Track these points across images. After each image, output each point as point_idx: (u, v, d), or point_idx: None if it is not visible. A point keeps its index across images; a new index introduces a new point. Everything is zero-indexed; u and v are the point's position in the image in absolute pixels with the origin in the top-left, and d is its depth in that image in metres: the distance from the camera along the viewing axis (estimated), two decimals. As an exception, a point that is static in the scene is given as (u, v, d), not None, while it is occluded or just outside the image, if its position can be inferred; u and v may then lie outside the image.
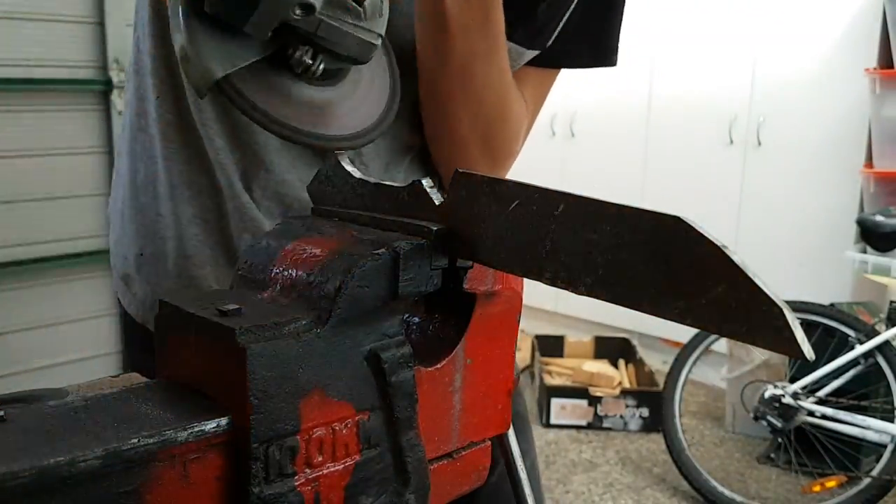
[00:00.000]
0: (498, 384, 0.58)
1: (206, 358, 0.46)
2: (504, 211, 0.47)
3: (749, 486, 3.48)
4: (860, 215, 3.74)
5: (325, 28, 0.56)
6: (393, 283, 0.49)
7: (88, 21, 3.13)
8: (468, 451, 0.57)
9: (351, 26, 0.56)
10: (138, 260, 0.94)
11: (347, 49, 0.58)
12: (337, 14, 0.56)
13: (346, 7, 0.56)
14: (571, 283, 0.44)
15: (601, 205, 0.42)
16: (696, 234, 0.37)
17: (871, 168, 3.92)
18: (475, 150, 0.90)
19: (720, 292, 0.36)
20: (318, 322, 0.46)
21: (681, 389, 3.50)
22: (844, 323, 3.31)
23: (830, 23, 4.05)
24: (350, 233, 0.53)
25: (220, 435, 0.43)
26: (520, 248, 0.47)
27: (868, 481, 3.08)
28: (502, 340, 0.57)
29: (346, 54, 0.59)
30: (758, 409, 3.35)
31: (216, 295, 0.49)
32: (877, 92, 3.83)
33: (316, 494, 0.46)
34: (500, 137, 0.91)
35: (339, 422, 0.47)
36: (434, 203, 0.53)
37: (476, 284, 0.54)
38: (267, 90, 0.60)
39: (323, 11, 0.55)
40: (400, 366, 0.49)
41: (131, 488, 0.40)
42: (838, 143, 4.09)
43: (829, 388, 3.27)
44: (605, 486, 3.50)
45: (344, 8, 0.56)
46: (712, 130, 4.49)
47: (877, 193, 3.92)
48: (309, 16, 0.55)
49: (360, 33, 0.57)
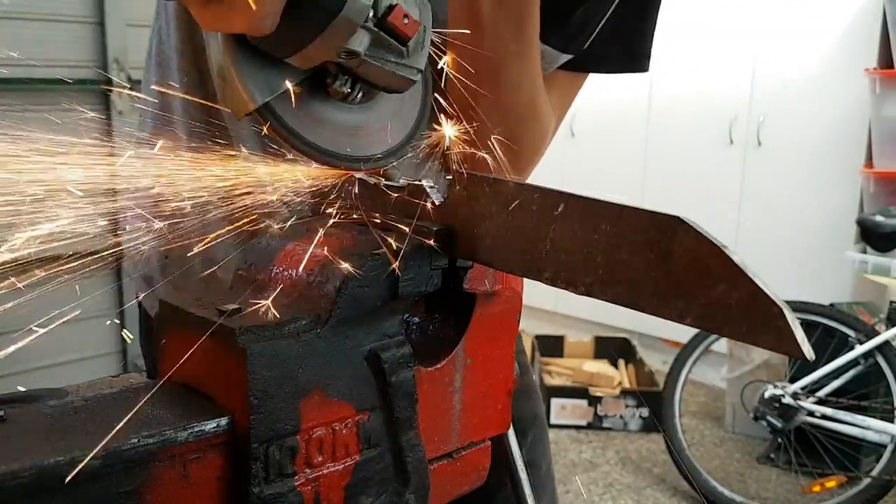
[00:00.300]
0: (498, 384, 0.58)
1: (206, 358, 0.46)
2: (504, 211, 0.47)
3: (749, 486, 3.48)
4: (860, 215, 3.74)
5: (369, 68, 0.55)
6: (393, 283, 0.49)
7: (88, 21, 3.13)
8: (468, 451, 0.57)
9: (393, 64, 0.56)
10: (162, 262, 0.94)
11: (388, 84, 0.58)
12: (381, 54, 0.55)
13: (389, 46, 0.55)
14: (571, 283, 0.44)
15: (601, 205, 0.42)
16: (695, 234, 0.37)
17: (871, 168, 3.93)
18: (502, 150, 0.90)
19: (720, 292, 0.36)
20: (318, 322, 0.46)
21: (681, 389, 3.50)
22: (844, 323, 3.31)
23: (830, 23, 4.05)
24: (350, 233, 0.53)
25: (220, 435, 0.43)
26: (520, 248, 0.47)
27: (868, 481, 3.08)
28: (502, 340, 0.57)
29: (386, 88, 0.59)
30: (758, 409, 3.35)
31: (216, 295, 0.49)
32: (877, 92, 3.83)
33: (316, 494, 0.46)
34: (527, 138, 0.90)
35: (339, 422, 0.47)
36: (434, 203, 0.54)
37: (476, 284, 0.54)
38: (301, 113, 0.58)
39: (368, 53, 0.54)
40: (400, 366, 0.49)
41: (131, 488, 0.40)
42: (838, 143, 4.09)
43: (829, 389, 3.27)
44: (605, 487, 3.50)
45: (387, 48, 0.55)
46: (712, 130, 4.49)
47: (877, 193, 3.92)
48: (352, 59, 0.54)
49: (401, 70, 0.57)
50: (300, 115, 0.58)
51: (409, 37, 0.55)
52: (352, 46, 0.53)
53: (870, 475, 3.10)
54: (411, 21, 0.55)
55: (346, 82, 0.57)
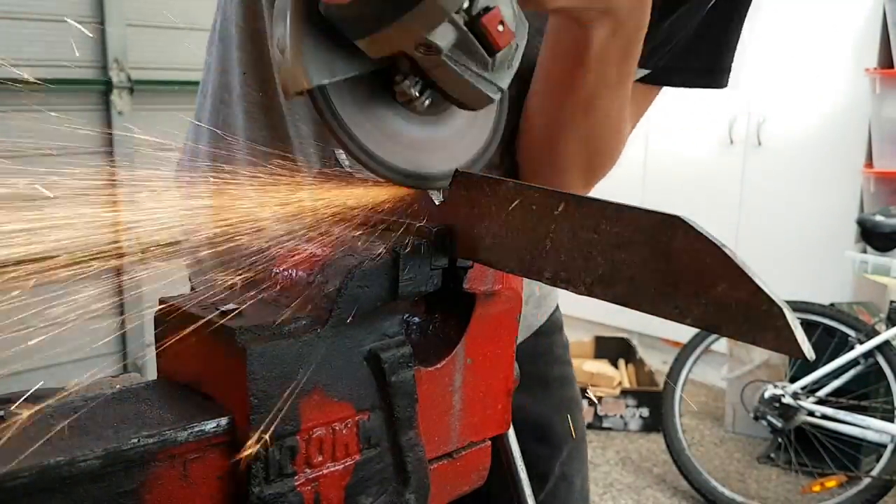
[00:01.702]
0: (498, 384, 0.58)
1: (206, 358, 0.46)
2: (504, 211, 0.47)
3: (749, 486, 3.48)
4: (860, 215, 3.74)
5: (447, 71, 0.49)
6: (393, 283, 0.49)
7: (88, 21, 3.13)
8: (468, 451, 0.57)
9: (473, 74, 0.50)
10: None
11: (461, 96, 0.51)
12: (462, 59, 0.49)
13: (474, 52, 0.49)
14: (571, 283, 0.44)
15: (601, 205, 0.42)
16: (696, 234, 0.37)
17: (871, 168, 3.93)
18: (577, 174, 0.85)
19: (720, 292, 0.36)
20: (318, 322, 0.46)
21: (681, 389, 3.50)
22: (844, 323, 3.31)
23: (831, 23, 4.05)
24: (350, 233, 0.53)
25: (220, 435, 0.43)
26: (520, 248, 0.47)
27: (868, 481, 3.08)
28: (502, 340, 0.57)
29: (459, 100, 0.52)
30: (758, 409, 3.35)
31: (216, 295, 0.49)
32: (877, 92, 3.83)
33: (316, 494, 0.46)
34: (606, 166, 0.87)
35: (339, 422, 0.47)
36: (434, 203, 0.53)
37: (476, 284, 0.54)
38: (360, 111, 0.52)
39: (449, 54, 0.48)
40: (400, 366, 0.49)
41: (131, 488, 0.40)
42: (838, 143, 4.09)
43: (829, 388, 3.27)
44: (605, 486, 3.50)
45: (472, 53, 0.49)
46: (712, 130, 4.49)
47: (877, 193, 3.92)
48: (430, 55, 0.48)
49: (480, 84, 0.50)
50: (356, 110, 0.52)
51: (500, 47, 0.49)
52: (434, 39, 0.47)
53: (870, 475, 3.10)
54: (506, 30, 0.49)
55: (415, 83, 0.51)
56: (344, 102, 0.51)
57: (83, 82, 3.15)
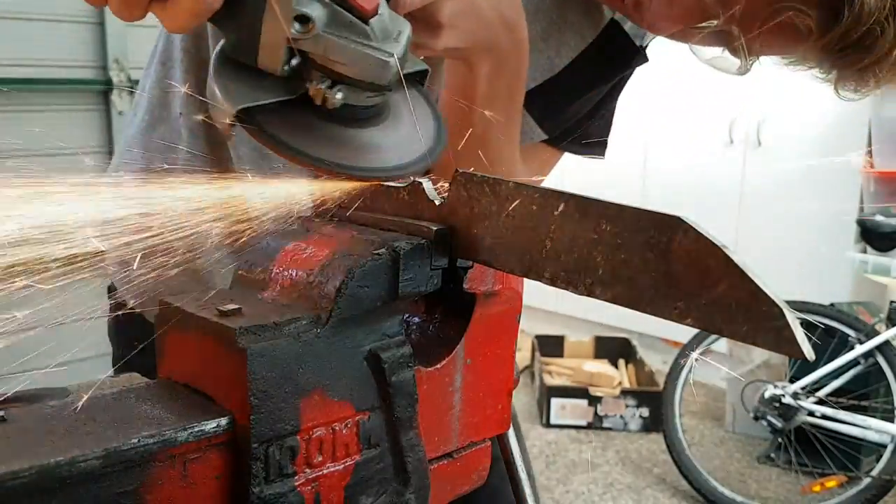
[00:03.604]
0: (498, 384, 0.58)
1: (206, 358, 0.46)
2: (504, 211, 0.47)
3: (749, 486, 3.48)
4: (860, 215, 3.74)
5: (333, 47, 0.53)
6: (393, 283, 0.49)
7: (88, 21, 3.13)
8: (468, 451, 0.57)
9: (358, 44, 0.54)
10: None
11: (361, 72, 0.55)
12: (342, 32, 0.53)
13: (349, 24, 0.53)
14: (571, 283, 0.44)
15: (602, 205, 0.42)
16: (696, 234, 0.37)
17: (872, 168, 3.92)
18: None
19: (720, 292, 0.36)
20: (318, 322, 0.46)
21: (681, 389, 3.50)
22: (844, 323, 3.31)
23: (830, 23, 4.05)
24: (350, 233, 0.53)
25: (220, 435, 0.43)
26: (520, 248, 0.47)
27: (868, 481, 3.08)
28: (502, 340, 0.57)
29: (361, 78, 0.55)
30: (758, 409, 3.35)
31: (216, 295, 0.49)
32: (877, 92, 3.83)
33: (316, 494, 0.46)
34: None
35: (339, 422, 0.47)
36: (434, 203, 0.53)
37: (476, 284, 0.54)
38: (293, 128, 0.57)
39: (326, 30, 0.53)
40: (400, 366, 0.49)
41: (131, 488, 0.40)
42: (838, 143, 4.08)
43: (829, 388, 3.27)
44: (605, 486, 3.50)
45: (348, 25, 0.53)
46: (712, 130, 4.49)
47: (877, 193, 3.92)
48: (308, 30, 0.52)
49: (368, 50, 0.54)
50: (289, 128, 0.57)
51: (368, 11, 0.53)
52: (301, 8, 0.52)
53: (870, 475, 3.10)
54: None
55: (321, 79, 0.55)
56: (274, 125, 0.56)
57: (83, 82, 3.15)
